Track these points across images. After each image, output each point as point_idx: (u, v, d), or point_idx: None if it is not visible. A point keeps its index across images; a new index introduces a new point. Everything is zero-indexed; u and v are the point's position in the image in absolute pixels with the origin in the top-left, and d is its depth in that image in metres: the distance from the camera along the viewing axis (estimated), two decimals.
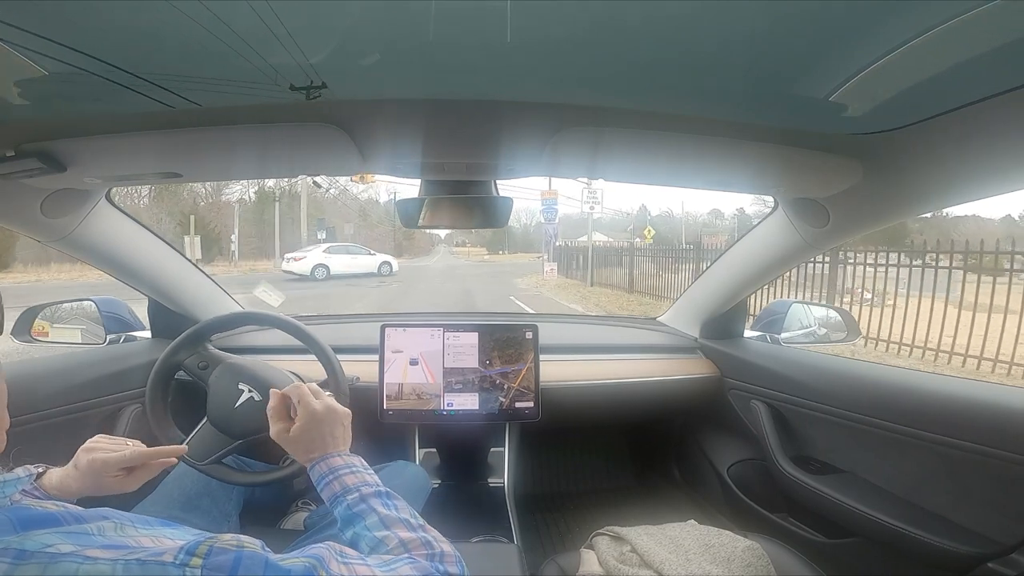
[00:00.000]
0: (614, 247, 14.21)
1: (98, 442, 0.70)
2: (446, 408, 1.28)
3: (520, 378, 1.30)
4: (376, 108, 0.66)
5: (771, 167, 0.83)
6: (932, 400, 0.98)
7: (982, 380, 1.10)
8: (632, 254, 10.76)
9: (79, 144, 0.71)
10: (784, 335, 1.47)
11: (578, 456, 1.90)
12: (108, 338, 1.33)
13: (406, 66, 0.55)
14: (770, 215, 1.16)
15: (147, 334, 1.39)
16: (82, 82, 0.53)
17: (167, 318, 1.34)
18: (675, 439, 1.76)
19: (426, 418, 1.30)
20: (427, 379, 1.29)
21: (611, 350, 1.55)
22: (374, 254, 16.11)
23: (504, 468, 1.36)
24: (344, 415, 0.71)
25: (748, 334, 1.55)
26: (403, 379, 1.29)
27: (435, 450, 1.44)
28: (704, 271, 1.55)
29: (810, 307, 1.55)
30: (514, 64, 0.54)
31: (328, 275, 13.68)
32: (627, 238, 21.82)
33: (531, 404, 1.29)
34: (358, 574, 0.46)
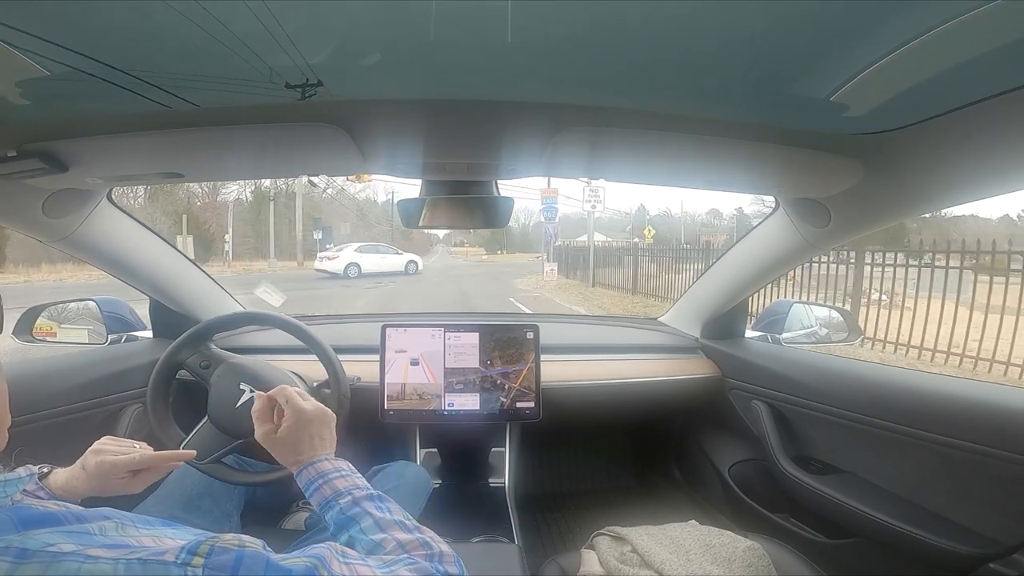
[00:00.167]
0: (614, 247, 13.96)
1: (106, 444, 0.70)
2: (447, 408, 1.28)
3: (521, 378, 1.30)
4: (377, 108, 0.66)
5: (772, 167, 0.83)
6: (933, 400, 0.98)
7: (982, 380, 1.10)
8: (636, 254, 10.45)
9: (81, 144, 0.71)
10: (785, 335, 1.47)
11: (579, 456, 1.90)
12: (109, 338, 1.34)
13: (407, 66, 0.55)
14: (771, 215, 1.16)
15: (148, 334, 1.40)
16: (83, 83, 0.53)
17: (168, 318, 1.34)
18: (676, 439, 1.76)
19: (427, 418, 1.30)
20: (428, 379, 1.29)
21: (612, 350, 1.55)
22: (401, 253, 16.40)
23: (505, 468, 1.36)
24: (331, 417, 0.70)
25: (749, 334, 1.54)
26: (404, 379, 1.29)
27: (436, 450, 1.44)
28: (705, 271, 1.56)
29: (811, 307, 1.54)
30: (515, 64, 0.54)
31: (359, 273, 13.98)
32: (626, 238, 21.69)
33: (532, 404, 1.29)
34: (359, 574, 0.46)
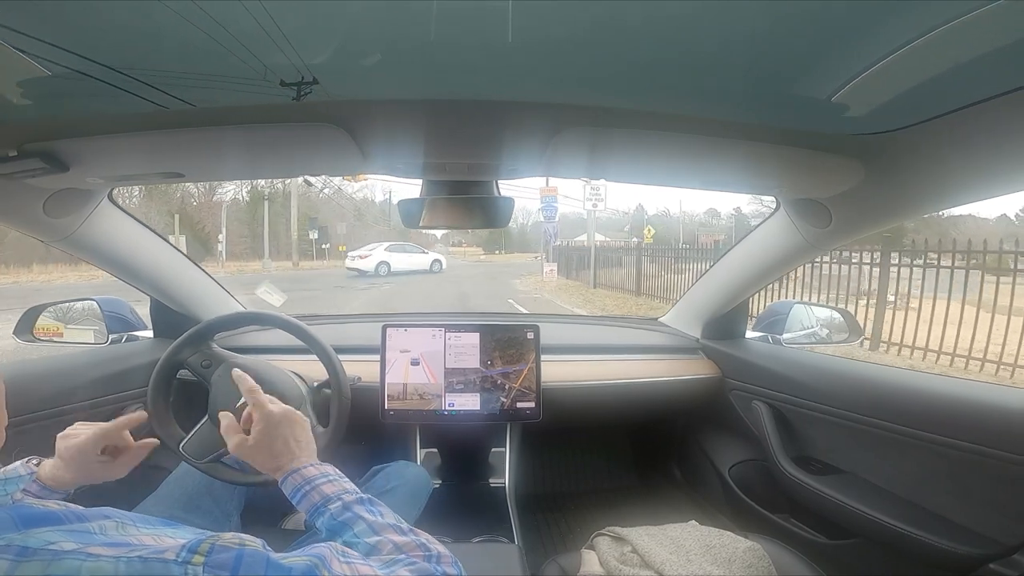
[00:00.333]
0: (613, 246, 13.64)
1: (75, 428, 0.70)
2: (447, 408, 1.28)
3: (521, 378, 1.30)
4: (377, 108, 0.66)
5: (772, 167, 0.83)
6: (933, 400, 0.97)
7: (982, 380, 1.10)
8: (640, 253, 10.02)
9: (82, 144, 0.71)
10: (786, 336, 1.47)
11: (579, 456, 1.90)
12: (110, 338, 1.34)
13: (407, 66, 0.55)
14: (771, 216, 1.15)
15: (149, 334, 1.40)
16: (84, 83, 0.53)
17: (169, 318, 1.35)
18: (676, 439, 1.76)
19: (427, 418, 1.30)
20: (428, 379, 1.29)
21: (612, 350, 1.55)
22: (426, 252, 16.79)
23: (505, 468, 1.36)
24: (301, 419, 0.69)
25: (750, 335, 1.54)
26: (404, 379, 1.29)
27: (436, 450, 1.44)
28: (705, 271, 1.55)
29: (811, 308, 1.54)
30: (515, 64, 0.54)
31: (389, 271, 14.39)
32: (624, 238, 21.58)
33: (532, 404, 1.29)
34: (361, 573, 0.46)
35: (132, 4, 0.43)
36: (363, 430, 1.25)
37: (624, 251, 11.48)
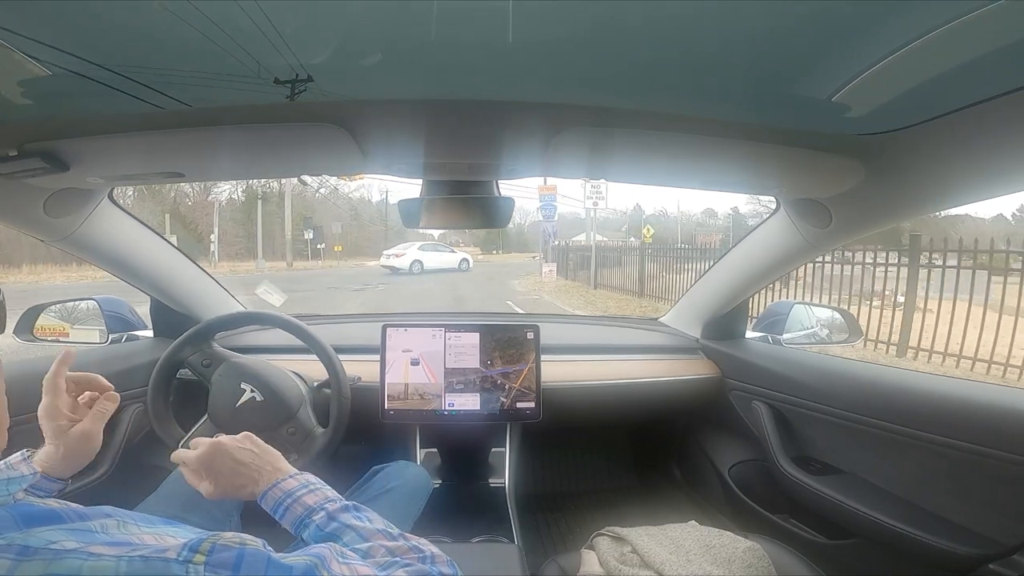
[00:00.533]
0: (611, 246, 13.35)
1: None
2: (447, 408, 1.28)
3: (521, 378, 1.30)
4: (378, 108, 0.66)
5: (773, 167, 0.83)
6: (932, 400, 0.98)
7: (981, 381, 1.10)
8: (643, 253, 9.70)
9: (82, 144, 0.71)
10: (786, 336, 1.47)
11: (579, 456, 1.90)
12: (110, 337, 1.34)
13: (408, 66, 0.55)
14: (771, 216, 1.15)
15: (149, 333, 1.40)
16: (84, 83, 0.53)
17: (169, 317, 1.35)
18: (676, 440, 1.75)
19: (427, 418, 1.30)
20: (428, 379, 1.29)
21: (612, 350, 1.55)
22: (455, 251, 17.30)
23: (505, 468, 1.36)
24: (234, 439, 0.67)
25: (750, 335, 1.54)
26: (404, 379, 1.29)
27: (436, 450, 1.44)
28: (705, 271, 1.55)
29: (812, 308, 1.54)
30: (515, 64, 0.54)
31: (422, 269, 14.90)
32: (622, 237, 21.48)
33: (532, 404, 1.29)
34: (359, 574, 0.47)
35: (132, 4, 0.43)
36: (363, 430, 1.25)
37: (624, 251, 11.31)
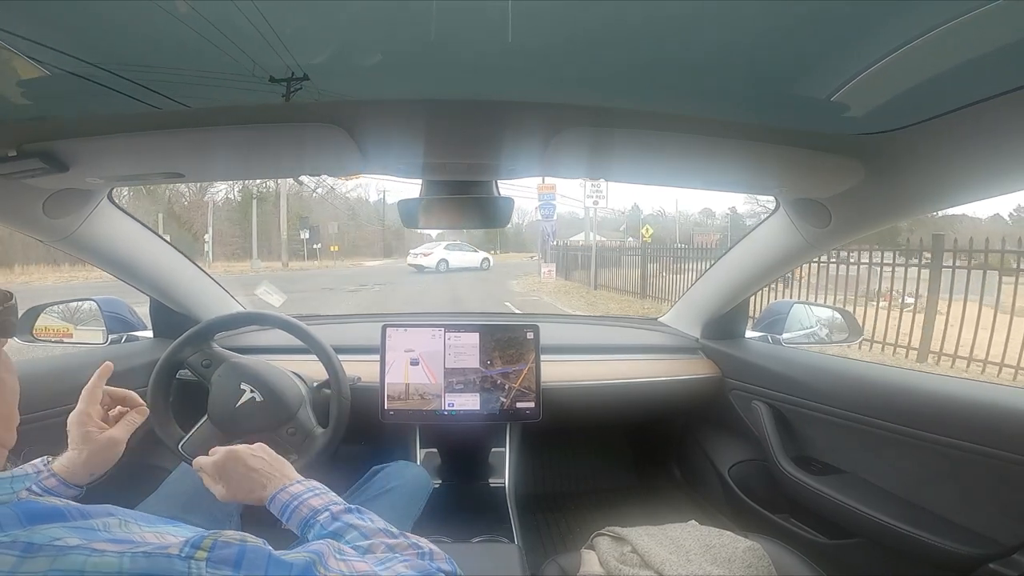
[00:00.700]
0: (609, 246, 13.15)
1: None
2: (447, 408, 1.28)
3: (521, 378, 1.30)
4: (378, 108, 0.66)
5: (772, 167, 0.83)
6: (933, 400, 0.98)
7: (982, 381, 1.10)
8: (645, 253, 9.50)
9: (81, 144, 0.71)
10: (785, 336, 1.47)
11: (579, 456, 1.90)
12: (110, 338, 1.34)
13: (407, 66, 0.55)
14: (771, 216, 1.16)
15: (149, 334, 1.40)
16: (83, 83, 0.53)
17: (169, 318, 1.34)
18: (676, 439, 1.76)
19: (427, 418, 1.30)
20: (428, 379, 1.29)
21: (612, 350, 1.55)
22: (477, 251, 17.86)
23: (505, 468, 1.36)
24: (247, 447, 0.71)
25: (749, 335, 1.54)
26: (404, 379, 1.29)
27: (436, 450, 1.44)
28: (706, 271, 1.56)
29: (811, 308, 1.54)
30: (515, 64, 0.54)
31: (448, 268, 15.59)
32: (620, 237, 21.40)
33: (532, 404, 1.29)
34: (357, 570, 0.47)
35: (132, 5, 0.43)
36: (363, 430, 1.25)
37: (623, 251, 11.21)
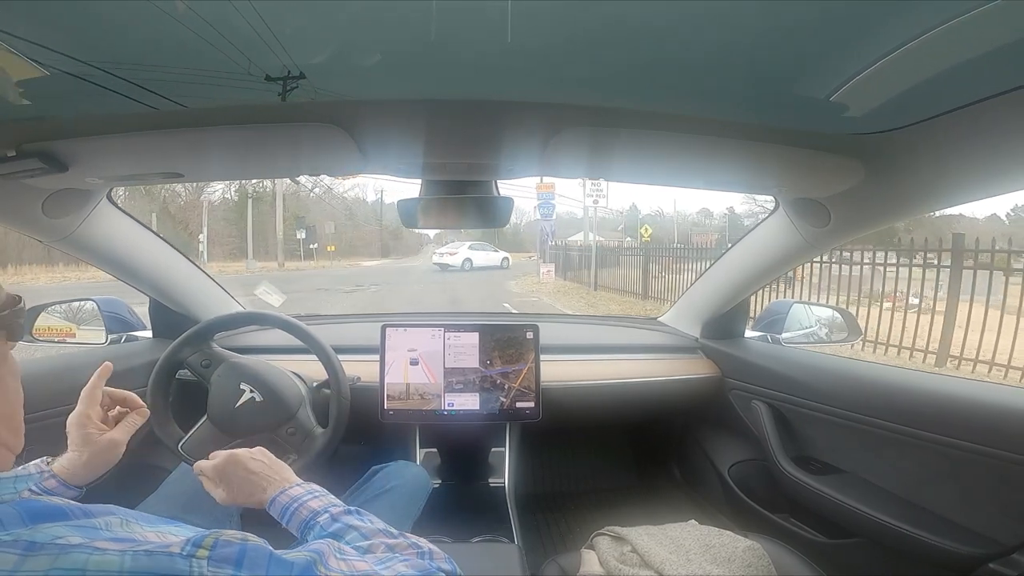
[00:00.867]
0: (609, 246, 12.99)
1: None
2: (447, 408, 1.28)
3: (521, 378, 1.30)
4: (377, 108, 0.66)
5: (772, 167, 0.83)
6: (933, 400, 0.98)
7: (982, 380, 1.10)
8: (646, 253, 9.34)
9: (81, 144, 0.71)
10: (785, 335, 1.47)
11: (579, 456, 1.90)
12: (109, 338, 1.34)
13: (407, 66, 0.55)
14: (770, 215, 1.16)
15: (148, 334, 1.39)
16: (83, 83, 0.53)
17: (168, 318, 1.34)
18: (676, 439, 1.76)
19: (427, 418, 1.30)
20: (428, 379, 1.29)
21: (612, 350, 1.55)
22: (498, 251, 18.64)
23: (505, 468, 1.36)
24: (247, 451, 0.71)
25: (749, 334, 1.55)
26: (404, 379, 1.29)
27: (436, 450, 1.44)
28: (705, 270, 1.56)
29: (811, 307, 1.55)
30: (515, 64, 0.54)
31: (472, 267, 16.25)
32: (618, 237, 21.41)
33: (532, 404, 1.29)
34: (357, 569, 0.47)
35: (132, 5, 0.43)
36: (363, 430, 1.25)
37: (623, 251, 11.11)
